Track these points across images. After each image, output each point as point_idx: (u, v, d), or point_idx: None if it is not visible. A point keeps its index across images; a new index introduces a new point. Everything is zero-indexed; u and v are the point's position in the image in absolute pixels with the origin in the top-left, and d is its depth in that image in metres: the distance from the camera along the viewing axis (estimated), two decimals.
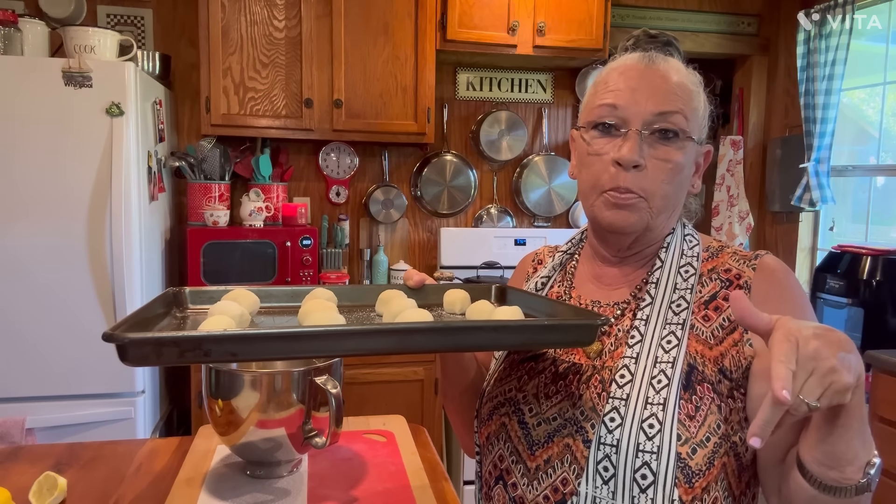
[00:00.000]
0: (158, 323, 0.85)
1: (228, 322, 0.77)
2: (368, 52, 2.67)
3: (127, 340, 0.65)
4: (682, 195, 0.93)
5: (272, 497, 0.90)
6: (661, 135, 0.87)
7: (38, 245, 2.10)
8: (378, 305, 0.96)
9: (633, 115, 0.87)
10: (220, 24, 2.55)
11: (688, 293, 0.88)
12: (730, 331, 0.85)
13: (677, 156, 0.87)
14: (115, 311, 2.15)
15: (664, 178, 0.87)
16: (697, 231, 0.97)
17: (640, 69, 0.89)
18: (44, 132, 2.08)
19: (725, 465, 0.80)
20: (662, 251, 0.92)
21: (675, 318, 0.86)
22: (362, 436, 1.14)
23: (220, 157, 2.72)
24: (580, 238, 1.05)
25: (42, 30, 2.26)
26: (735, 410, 0.81)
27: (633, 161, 0.85)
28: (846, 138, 3.15)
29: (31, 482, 0.90)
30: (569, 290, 1.00)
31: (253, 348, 0.67)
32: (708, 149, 0.95)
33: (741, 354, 0.83)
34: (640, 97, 0.87)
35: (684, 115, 0.87)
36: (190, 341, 0.66)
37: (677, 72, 0.89)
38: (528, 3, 2.74)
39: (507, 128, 3.14)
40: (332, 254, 2.90)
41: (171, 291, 0.95)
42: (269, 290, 1.00)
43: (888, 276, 2.48)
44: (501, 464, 0.92)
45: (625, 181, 0.86)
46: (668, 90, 0.87)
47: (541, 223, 3.27)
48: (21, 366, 2.11)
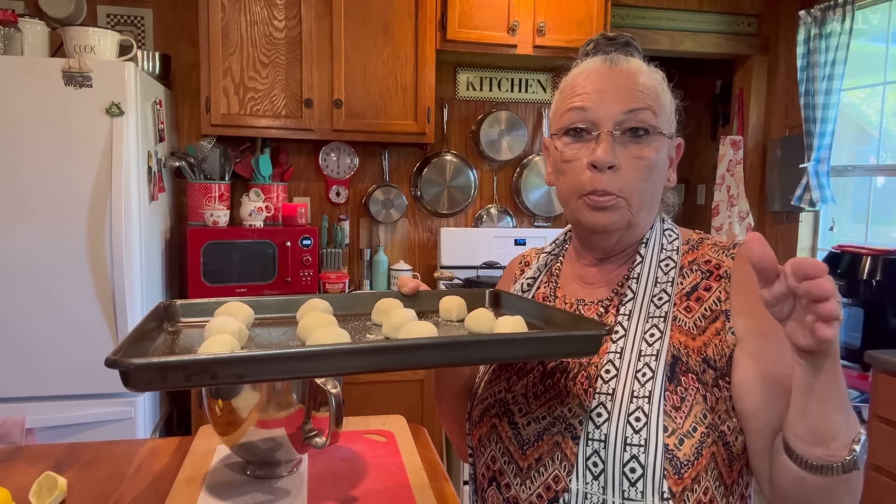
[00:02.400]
0: (153, 339, 0.85)
1: (231, 341, 0.76)
2: (368, 52, 2.68)
3: (131, 366, 0.63)
4: (660, 190, 0.94)
5: (272, 497, 0.90)
6: (632, 133, 0.88)
7: (37, 245, 2.10)
8: (375, 315, 0.96)
9: (602, 116, 0.88)
10: (220, 24, 2.55)
11: (669, 286, 0.89)
12: (712, 320, 0.85)
13: (650, 152, 0.88)
14: (115, 311, 2.15)
15: (640, 175, 0.88)
16: (678, 225, 0.99)
17: (603, 71, 0.90)
18: (44, 132, 2.08)
19: (714, 454, 0.81)
20: (642, 247, 0.93)
21: (658, 311, 0.87)
22: (362, 436, 1.14)
23: (220, 157, 2.72)
24: (564, 239, 1.06)
25: (42, 30, 2.26)
26: (721, 399, 0.82)
27: (608, 162, 0.86)
28: (846, 138, 3.15)
29: (31, 482, 0.90)
30: (554, 291, 1.01)
31: (261, 369, 0.67)
32: (679, 142, 0.97)
33: (724, 343, 0.84)
34: (607, 98, 0.88)
35: (653, 111, 0.89)
36: (196, 365, 0.64)
37: (640, 70, 0.91)
38: (528, 3, 2.74)
39: (507, 128, 3.14)
40: (332, 254, 2.90)
41: (162, 305, 0.94)
42: (262, 301, 0.99)
43: (888, 276, 2.48)
44: (494, 465, 0.93)
45: (601, 183, 0.87)
46: (633, 88, 0.88)
47: (541, 223, 3.27)
48: (21, 366, 2.11)
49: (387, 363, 0.70)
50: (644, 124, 0.88)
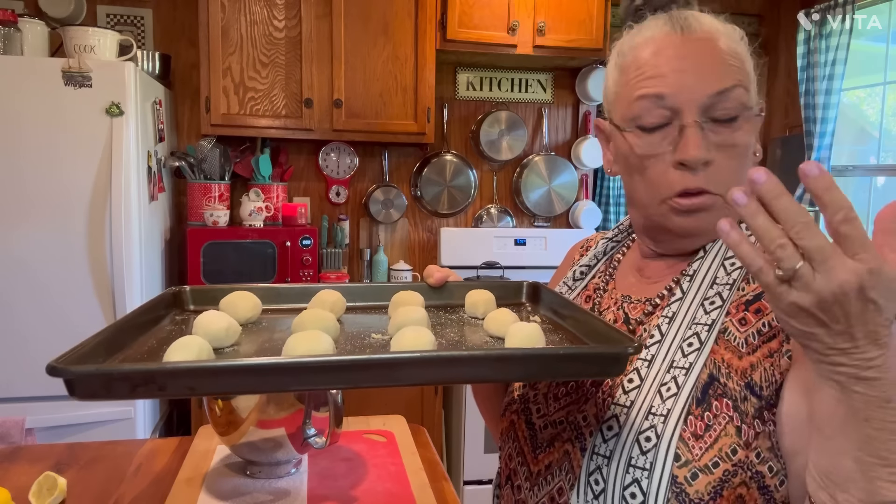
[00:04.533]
0: (152, 328, 0.81)
1: (200, 346, 0.68)
2: (368, 52, 2.67)
3: (72, 375, 0.58)
4: (748, 171, 0.82)
5: (272, 497, 0.90)
6: (723, 120, 0.73)
7: (37, 245, 2.10)
8: (391, 309, 0.91)
9: (685, 102, 0.72)
10: (220, 24, 2.55)
11: (726, 289, 0.74)
12: (767, 338, 0.69)
13: (744, 137, 0.74)
14: (115, 310, 2.15)
15: (736, 165, 0.73)
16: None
17: (676, 42, 0.74)
18: (43, 132, 2.08)
19: (744, 497, 0.66)
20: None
21: (706, 317, 0.73)
22: (362, 436, 1.14)
23: (220, 157, 2.72)
24: (629, 225, 0.93)
25: (42, 30, 2.26)
26: (764, 435, 0.66)
27: (702, 159, 0.71)
28: (846, 138, 3.15)
29: (31, 482, 0.90)
30: (606, 283, 0.90)
31: (214, 383, 0.60)
32: (761, 106, 0.78)
33: (776, 368, 0.67)
34: (688, 79, 0.72)
35: (744, 86, 0.73)
36: (141, 375, 0.58)
37: (720, 33, 0.75)
38: (528, 3, 2.74)
39: (507, 128, 3.14)
40: (331, 254, 2.90)
41: (171, 291, 0.91)
42: (278, 289, 0.94)
43: None
44: (510, 463, 0.89)
45: (695, 182, 0.72)
46: (720, 61, 0.73)
47: (541, 223, 3.27)
48: (21, 366, 2.11)
49: (360, 380, 0.63)
50: (736, 106, 0.72)
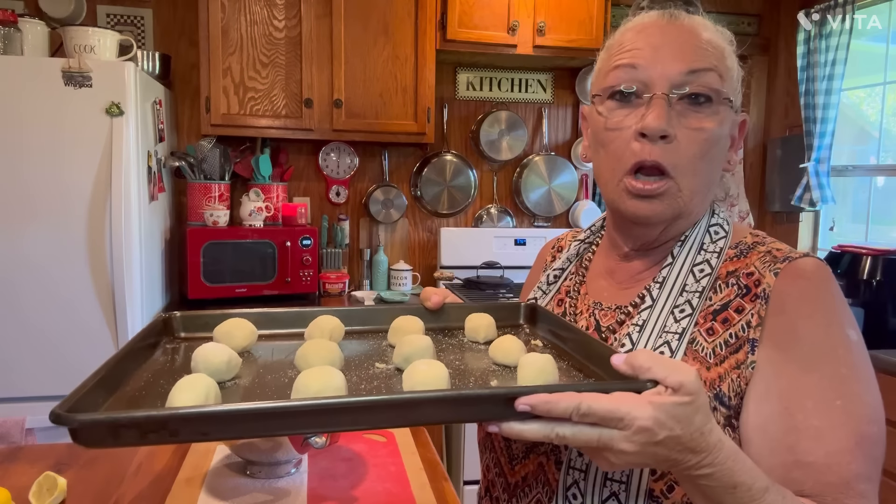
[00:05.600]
0: (145, 361, 0.77)
1: (206, 385, 0.64)
2: (368, 52, 2.67)
3: (76, 423, 0.54)
4: (717, 173, 0.78)
5: (272, 497, 0.90)
6: (691, 100, 0.73)
7: (37, 245, 2.10)
8: (391, 335, 0.86)
9: (657, 75, 0.73)
10: (220, 24, 2.55)
11: (696, 297, 0.75)
12: (734, 349, 0.70)
13: (711, 124, 0.74)
14: (115, 310, 2.15)
15: (697, 150, 0.73)
16: (729, 222, 0.82)
17: (661, 25, 0.76)
18: (44, 132, 2.07)
19: None
20: (677, 245, 0.79)
21: (676, 325, 0.74)
22: (362, 436, 1.14)
23: (220, 157, 2.71)
24: (601, 225, 0.93)
25: (42, 30, 2.26)
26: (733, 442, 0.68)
27: (661, 130, 0.72)
28: (846, 138, 3.15)
29: (31, 482, 0.90)
30: (578, 286, 0.89)
31: (229, 428, 0.57)
32: (744, 118, 0.81)
33: (742, 378, 0.69)
34: (663, 54, 0.73)
35: (719, 73, 0.74)
36: (153, 422, 0.55)
37: (705, 27, 0.76)
38: (528, 3, 2.74)
39: (507, 128, 3.14)
40: (332, 254, 2.90)
41: (161, 319, 0.86)
42: (272, 315, 0.90)
43: (888, 276, 2.48)
44: (489, 474, 0.88)
45: (651, 154, 0.72)
46: (696, 45, 0.74)
47: (541, 223, 3.27)
48: (21, 366, 2.11)
49: (379, 421, 0.60)
50: (707, 88, 0.73)
